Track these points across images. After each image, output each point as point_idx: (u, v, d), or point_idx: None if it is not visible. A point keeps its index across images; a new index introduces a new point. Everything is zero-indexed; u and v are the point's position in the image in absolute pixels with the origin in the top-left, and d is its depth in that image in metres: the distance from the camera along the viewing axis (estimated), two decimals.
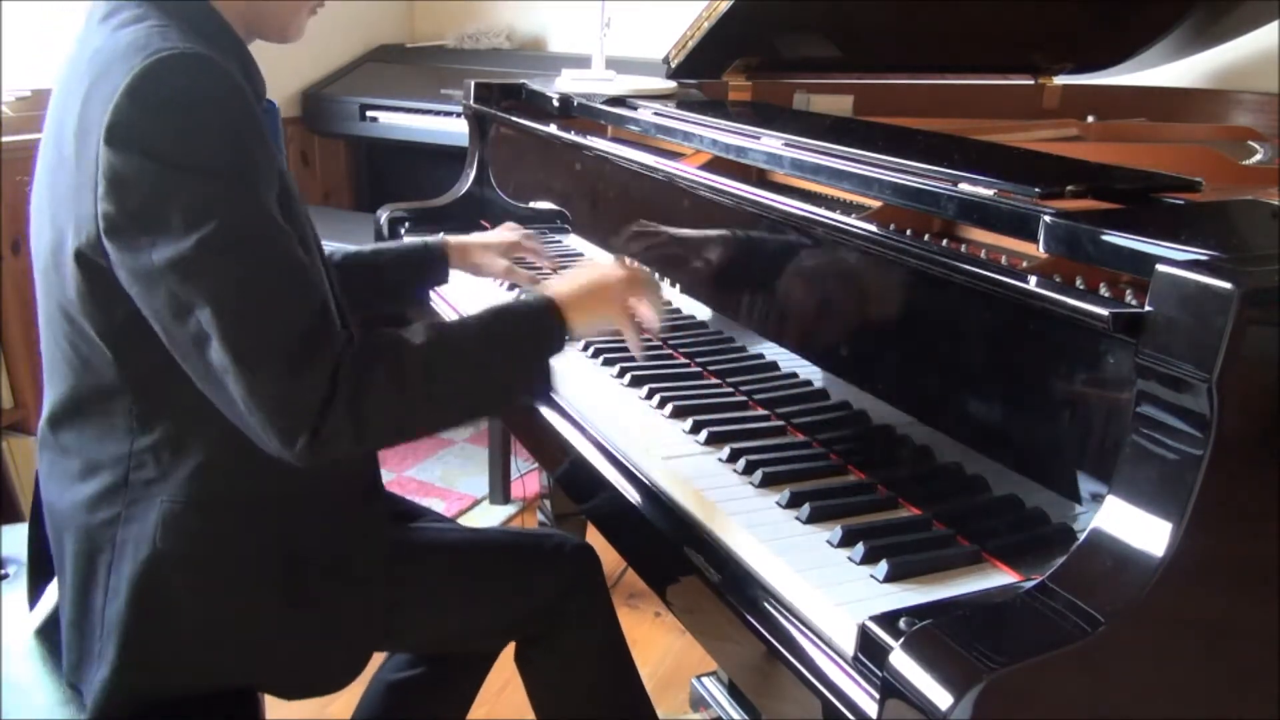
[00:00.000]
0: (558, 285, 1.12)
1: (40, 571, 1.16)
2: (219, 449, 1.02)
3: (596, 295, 1.12)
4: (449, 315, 1.61)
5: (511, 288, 1.59)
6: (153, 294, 0.90)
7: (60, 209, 0.96)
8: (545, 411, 1.30)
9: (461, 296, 1.63)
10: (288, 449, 0.91)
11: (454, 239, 1.52)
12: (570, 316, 1.08)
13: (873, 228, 1.04)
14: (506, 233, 1.57)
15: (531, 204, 1.93)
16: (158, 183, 0.87)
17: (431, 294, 1.64)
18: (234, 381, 0.89)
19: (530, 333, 1.07)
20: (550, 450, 1.31)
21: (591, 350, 1.38)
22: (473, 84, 2.00)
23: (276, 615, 1.08)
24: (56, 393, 1.05)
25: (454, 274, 1.51)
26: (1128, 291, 0.82)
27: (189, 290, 0.88)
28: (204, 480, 1.02)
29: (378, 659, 1.36)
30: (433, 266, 1.49)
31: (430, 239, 1.52)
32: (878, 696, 0.74)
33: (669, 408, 1.20)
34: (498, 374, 1.06)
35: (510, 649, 1.37)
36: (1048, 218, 0.88)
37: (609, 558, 1.38)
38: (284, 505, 1.08)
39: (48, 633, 1.15)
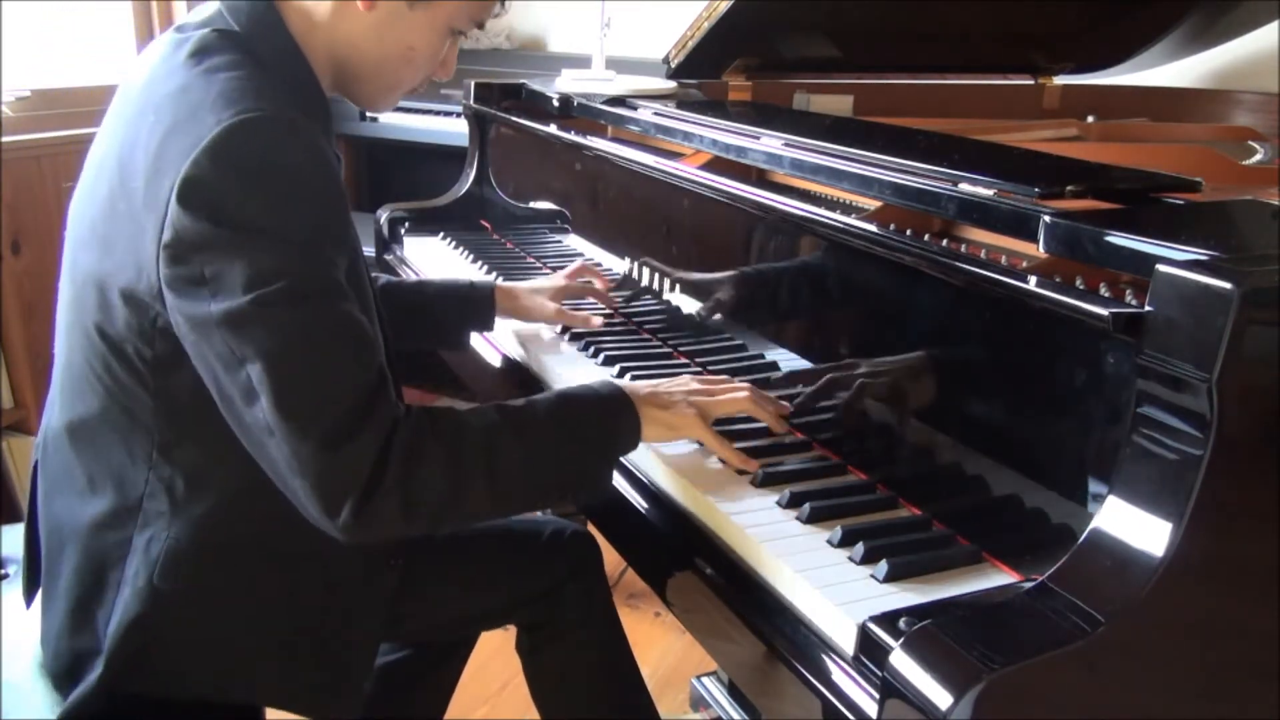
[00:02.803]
0: (632, 384, 1.09)
1: (36, 573, 1.16)
2: (233, 497, 0.99)
3: (668, 395, 1.06)
4: (491, 356, 1.51)
5: (564, 332, 1.46)
6: (207, 343, 0.88)
7: (116, 238, 0.93)
8: None
9: (508, 339, 1.49)
10: (331, 521, 0.87)
11: (503, 283, 1.47)
12: (642, 411, 1.03)
13: (873, 228, 1.04)
14: (555, 277, 1.51)
15: (531, 204, 1.93)
16: (225, 246, 0.85)
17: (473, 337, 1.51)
18: (279, 443, 0.86)
19: (600, 424, 1.02)
20: None
21: (584, 345, 1.38)
22: (473, 84, 2.00)
23: (274, 655, 1.06)
24: (80, 407, 1.02)
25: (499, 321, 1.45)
26: (1128, 291, 0.82)
27: (243, 344, 0.85)
28: (211, 525, 0.99)
29: None
30: (478, 308, 1.43)
31: (478, 279, 1.47)
32: (878, 696, 0.75)
33: None
34: (562, 463, 1.00)
35: (512, 640, 1.38)
36: (1047, 218, 0.88)
37: (608, 558, 1.38)
38: (287, 566, 1.04)
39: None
